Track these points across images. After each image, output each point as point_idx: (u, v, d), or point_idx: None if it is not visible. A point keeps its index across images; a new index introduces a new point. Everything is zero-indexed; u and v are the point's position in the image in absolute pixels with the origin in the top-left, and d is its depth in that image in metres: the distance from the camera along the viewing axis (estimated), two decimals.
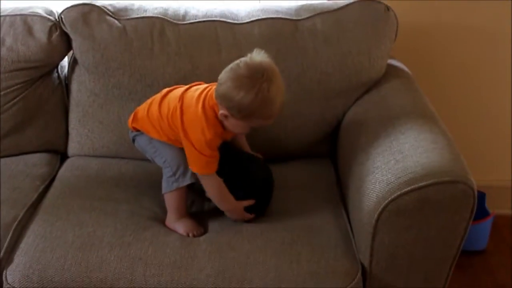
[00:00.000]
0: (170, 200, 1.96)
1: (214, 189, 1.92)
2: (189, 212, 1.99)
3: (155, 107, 1.97)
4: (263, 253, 1.78)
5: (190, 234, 1.89)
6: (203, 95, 1.89)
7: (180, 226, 1.92)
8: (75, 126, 2.34)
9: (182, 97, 1.92)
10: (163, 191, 1.96)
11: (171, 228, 1.93)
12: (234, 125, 1.85)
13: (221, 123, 1.87)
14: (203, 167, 1.88)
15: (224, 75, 1.81)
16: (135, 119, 2.04)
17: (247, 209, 1.92)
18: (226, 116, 1.82)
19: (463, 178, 1.65)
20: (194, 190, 2.03)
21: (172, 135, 1.94)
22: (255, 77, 1.75)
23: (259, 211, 1.95)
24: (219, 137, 1.89)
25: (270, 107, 1.78)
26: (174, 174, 1.94)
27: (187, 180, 1.93)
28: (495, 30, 2.57)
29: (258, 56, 1.80)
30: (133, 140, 2.08)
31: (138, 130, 2.04)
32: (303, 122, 2.28)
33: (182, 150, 1.91)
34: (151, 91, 2.17)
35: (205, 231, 1.93)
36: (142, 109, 2.03)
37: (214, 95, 1.84)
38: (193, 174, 1.92)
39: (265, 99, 1.75)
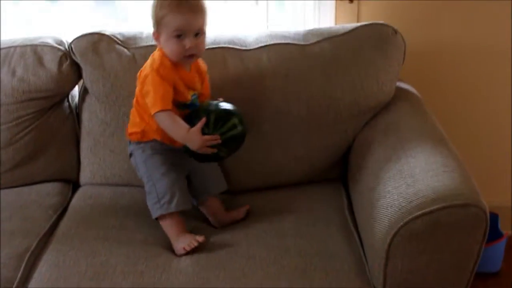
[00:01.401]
0: (165, 226, 2.00)
1: (167, 121, 1.94)
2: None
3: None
4: (276, 280, 1.78)
5: (188, 248, 1.90)
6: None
7: (178, 244, 1.94)
8: (86, 155, 2.35)
9: None
10: (153, 216, 2.01)
11: (178, 253, 1.94)
12: (165, 44, 1.96)
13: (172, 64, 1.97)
14: (155, 103, 1.93)
15: None
16: (129, 126, 2.11)
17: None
18: (156, 37, 1.98)
19: (474, 201, 1.65)
20: (197, 218, 2.04)
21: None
22: None
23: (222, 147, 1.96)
24: (174, 72, 1.97)
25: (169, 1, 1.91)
26: (159, 200, 1.98)
27: (172, 208, 1.97)
28: (505, 49, 2.57)
29: None
30: (130, 155, 2.12)
31: (135, 140, 2.08)
32: (312, 147, 2.28)
33: (172, 179, 1.99)
34: None
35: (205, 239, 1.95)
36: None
37: None
38: (181, 203, 1.97)
39: None
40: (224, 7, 2.60)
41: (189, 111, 2.01)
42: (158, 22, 1.95)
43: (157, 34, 1.98)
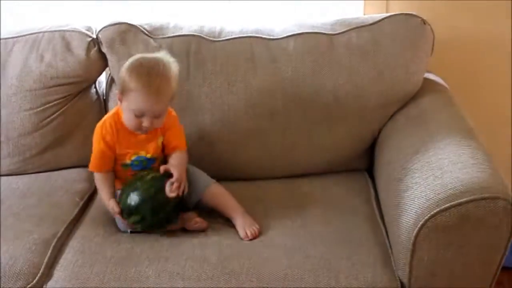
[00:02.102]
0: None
1: (97, 182, 2.07)
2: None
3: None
4: (301, 269, 1.78)
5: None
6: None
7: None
8: None
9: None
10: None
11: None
12: (124, 112, 1.98)
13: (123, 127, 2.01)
14: (91, 162, 2.06)
15: None
16: None
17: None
18: (119, 98, 1.98)
19: (503, 194, 1.64)
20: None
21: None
22: (136, 57, 1.99)
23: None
24: (115, 136, 2.01)
25: (139, 78, 1.89)
26: None
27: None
28: None
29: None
30: None
31: None
32: (338, 137, 2.27)
33: None
34: (186, 113, 2.20)
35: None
36: None
37: None
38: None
39: (135, 70, 1.91)
40: None
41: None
42: (123, 89, 1.94)
43: (120, 96, 1.98)
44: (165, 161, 2.06)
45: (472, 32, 2.53)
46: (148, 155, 2.05)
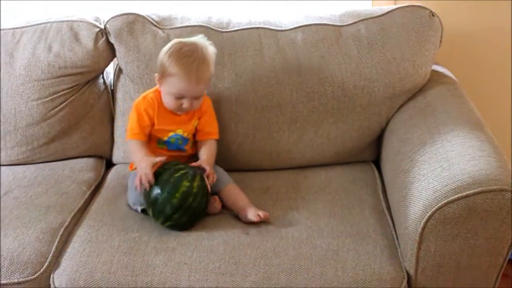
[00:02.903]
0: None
1: (133, 150, 2.07)
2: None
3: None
4: (308, 260, 1.78)
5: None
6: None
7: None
8: (120, 134, 2.36)
9: None
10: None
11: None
12: (164, 94, 2.03)
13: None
14: (128, 132, 2.09)
15: None
16: None
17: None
18: (158, 81, 2.03)
19: (510, 187, 1.63)
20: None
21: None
22: (175, 41, 2.02)
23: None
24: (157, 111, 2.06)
25: (179, 63, 1.94)
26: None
27: None
28: None
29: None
30: None
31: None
32: (346, 128, 2.27)
33: None
34: None
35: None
36: None
37: None
38: None
39: (175, 54, 1.96)
40: None
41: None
42: (163, 73, 1.99)
43: (159, 80, 2.03)
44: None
45: (481, 24, 2.52)
46: (185, 134, 2.10)
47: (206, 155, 2.08)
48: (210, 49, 2.02)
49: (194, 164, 2.00)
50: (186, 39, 2.05)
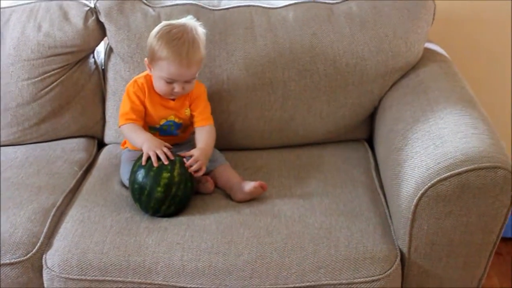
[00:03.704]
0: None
1: (129, 134, 2.04)
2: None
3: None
4: (301, 239, 1.78)
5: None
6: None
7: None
8: (112, 114, 2.35)
9: None
10: None
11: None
12: (154, 79, 2.01)
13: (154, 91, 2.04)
14: (121, 117, 2.05)
15: None
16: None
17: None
18: (148, 66, 2.00)
19: (504, 164, 1.63)
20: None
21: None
22: (163, 24, 1.99)
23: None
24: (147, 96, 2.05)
25: (169, 46, 1.91)
26: None
27: None
28: None
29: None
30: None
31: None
32: (339, 107, 2.26)
33: None
34: None
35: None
36: None
37: None
38: None
39: (164, 37, 1.93)
40: None
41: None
42: (153, 58, 1.97)
43: (149, 64, 2.00)
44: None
45: (474, 4, 2.51)
46: (177, 119, 2.09)
47: (203, 143, 2.04)
48: (200, 30, 1.99)
49: (187, 153, 1.98)
50: (175, 21, 2.02)
